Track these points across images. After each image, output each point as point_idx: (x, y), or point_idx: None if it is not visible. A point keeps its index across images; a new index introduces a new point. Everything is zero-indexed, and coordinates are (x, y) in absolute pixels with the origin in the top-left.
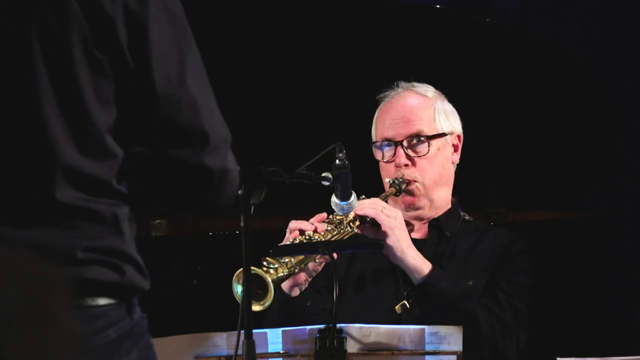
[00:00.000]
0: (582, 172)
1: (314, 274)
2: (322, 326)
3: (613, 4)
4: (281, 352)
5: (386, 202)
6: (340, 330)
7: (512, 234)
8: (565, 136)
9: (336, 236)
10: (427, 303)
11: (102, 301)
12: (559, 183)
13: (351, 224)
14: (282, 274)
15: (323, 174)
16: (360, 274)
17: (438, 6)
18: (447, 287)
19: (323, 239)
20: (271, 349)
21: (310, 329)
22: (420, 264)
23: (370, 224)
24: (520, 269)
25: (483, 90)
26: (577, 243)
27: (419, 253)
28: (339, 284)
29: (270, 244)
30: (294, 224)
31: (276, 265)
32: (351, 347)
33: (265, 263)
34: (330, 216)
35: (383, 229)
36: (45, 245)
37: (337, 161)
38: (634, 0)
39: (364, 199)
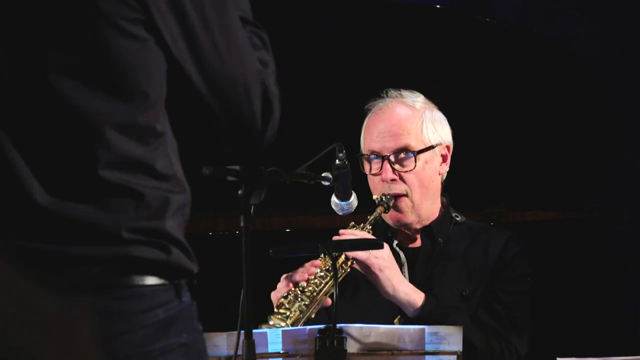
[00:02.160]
0: (582, 172)
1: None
2: (322, 326)
3: (613, 4)
4: (281, 352)
5: (378, 220)
6: (340, 330)
7: (505, 236)
8: (565, 136)
9: (330, 281)
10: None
11: (151, 281)
12: (559, 183)
13: (344, 265)
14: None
15: (323, 174)
16: (356, 283)
17: (438, 6)
18: (441, 316)
19: (317, 289)
20: (271, 349)
21: (310, 329)
22: (414, 298)
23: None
24: (517, 276)
25: (483, 90)
26: (577, 243)
27: (410, 286)
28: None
29: (270, 244)
30: (285, 276)
31: (283, 325)
32: (351, 347)
33: (271, 323)
34: (323, 259)
35: (373, 270)
36: (90, 222)
37: (337, 161)
38: (634, 0)
39: (353, 225)
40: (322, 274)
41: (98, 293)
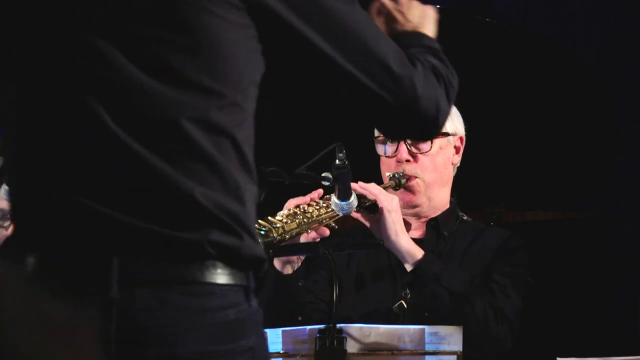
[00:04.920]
0: (582, 172)
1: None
2: (322, 326)
3: (613, 4)
4: (281, 352)
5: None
6: (340, 330)
7: (508, 233)
8: (565, 136)
9: (330, 213)
10: (423, 294)
11: (222, 279)
12: (559, 183)
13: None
14: (272, 237)
15: (323, 174)
16: (359, 270)
17: (438, 6)
18: (440, 270)
19: (317, 213)
20: (271, 349)
21: (310, 329)
22: (413, 249)
23: (366, 211)
24: (515, 263)
25: (483, 90)
26: (577, 243)
27: (411, 240)
28: (338, 279)
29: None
30: (290, 201)
31: (266, 228)
32: (351, 347)
33: (257, 226)
34: (327, 196)
35: (380, 206)
36: (167, 176)
37: (337, 161)
38: (634, 0)
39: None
40: (325, 204)
41: (162, 286)
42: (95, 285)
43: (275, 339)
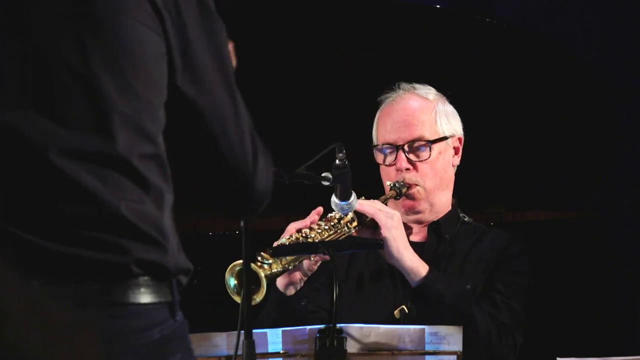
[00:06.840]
0: (582, 172)
1: (309, 273)
2: (322, 326)
3: (613, 4)
4: (281, 352)
5: (386, 204)
6: (340, 330)
7: (509, 236)
8: (565, 136)
9: (332, 235)
10: (425, 307)
11: (145, 299)
12: (559, 183)
13: (349, 224)
14: (276, 270)
15: (323, 174)
16: (359, 276)
17: (438, 6)
18: (444, 288)
19: (319, 237)
20: (271, 349)
21: (310, 329)
22: (417, 265)
23: (368, 225)
24: (517, 271)
25: (483, 90)
26: (577, 243)
27: (415, 255)
28: (338, 285)
29: (270, 244)
30: (291, 225)
31: (270, 261)
32: (351, 347)
33: (259, 258)
34: (329, 215)
35: (380, 227)
36: (92, 190)
37: (337, 161)
38: (634, 0)
39: (363, 199)
40: (326, 226)
41: (95, 308)
42: None
43: (275, 339)
